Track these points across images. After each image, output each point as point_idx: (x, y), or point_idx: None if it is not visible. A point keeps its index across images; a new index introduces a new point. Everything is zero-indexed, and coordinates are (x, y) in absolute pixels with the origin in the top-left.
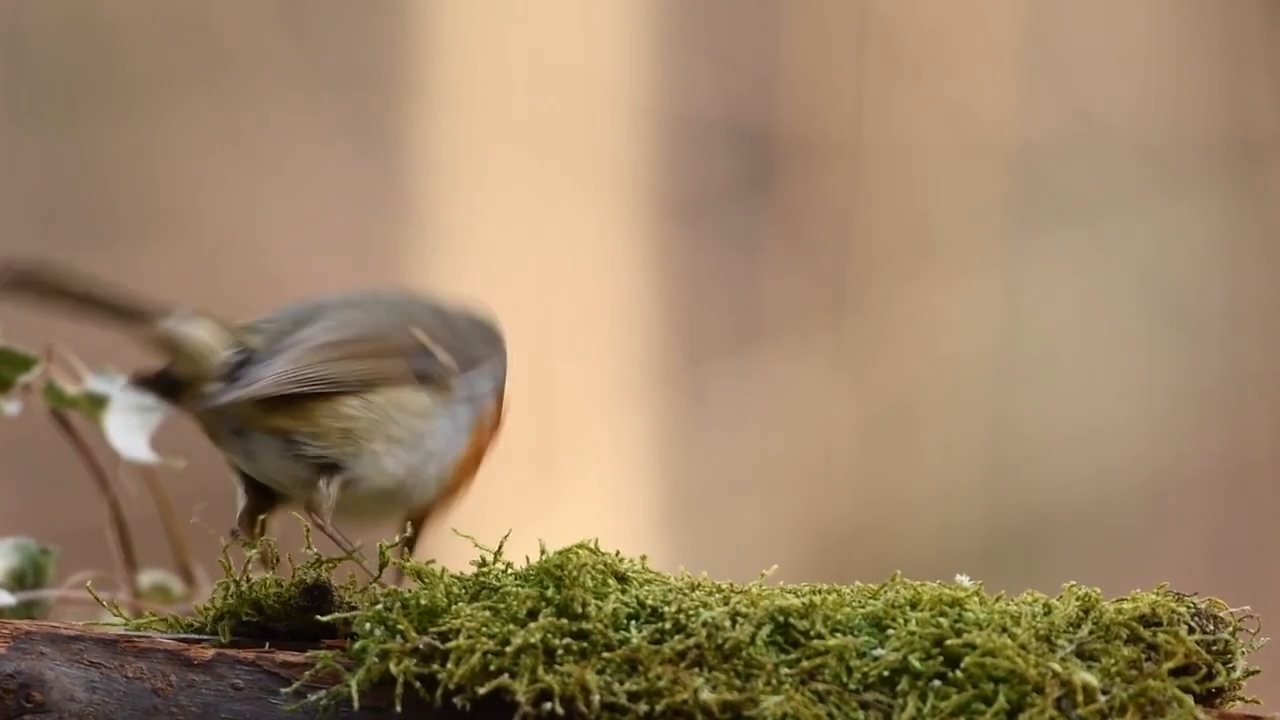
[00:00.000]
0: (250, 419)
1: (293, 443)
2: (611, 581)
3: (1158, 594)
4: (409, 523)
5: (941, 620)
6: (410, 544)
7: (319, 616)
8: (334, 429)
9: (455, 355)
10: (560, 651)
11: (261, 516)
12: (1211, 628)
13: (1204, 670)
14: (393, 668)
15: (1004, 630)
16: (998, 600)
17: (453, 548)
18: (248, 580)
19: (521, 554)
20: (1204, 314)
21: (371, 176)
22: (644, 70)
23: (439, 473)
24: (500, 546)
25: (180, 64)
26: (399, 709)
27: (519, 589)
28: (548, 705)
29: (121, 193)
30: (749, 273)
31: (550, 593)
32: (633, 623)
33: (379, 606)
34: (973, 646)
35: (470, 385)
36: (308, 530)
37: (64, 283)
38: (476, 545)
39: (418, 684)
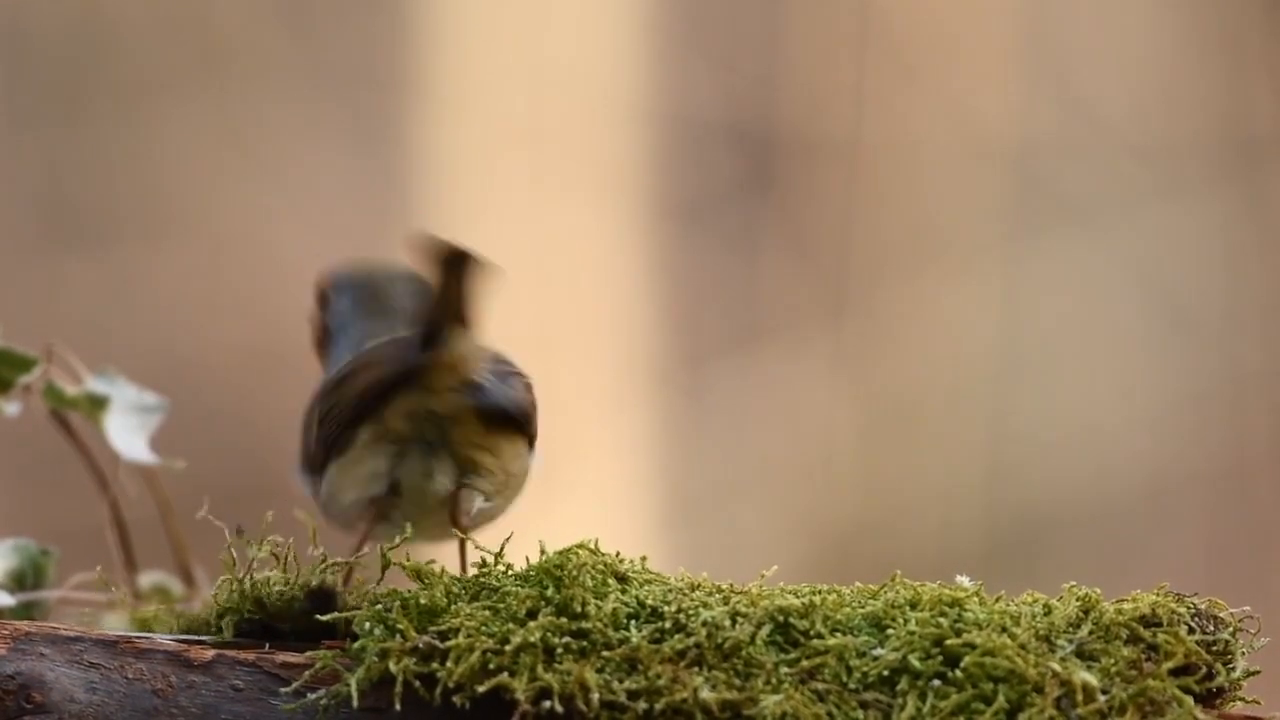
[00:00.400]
0: (469, 436)
1: (471, 472)
2: (611, 581)
3: (1157, 594)
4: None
5: (941, 620)
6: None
7: (319, 616)
8: (503, 470)
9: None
10: (560, 650)
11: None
12: (1211, 628)
13: (1204, 670)
14: (392, 666)
15: (1004, 630)
16: (997, 600)
17: (453, 549)
18: (251, 578)
19: (521, 555)
20: (1203, 314)
21: (372, 177)
22: (644, 71)
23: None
24: (501, 548)
25: (181, 65)
26: (398, 708)
27: (518, 589)
28: (547, 703)
29: (122, 193)
30: (749, 273)
31: (550, 592)
32: (632, 622)
33: (378, 606)
34: (972, 646)
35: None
36: (314, 531)
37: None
38: (477, 547)
39: (417, 683)
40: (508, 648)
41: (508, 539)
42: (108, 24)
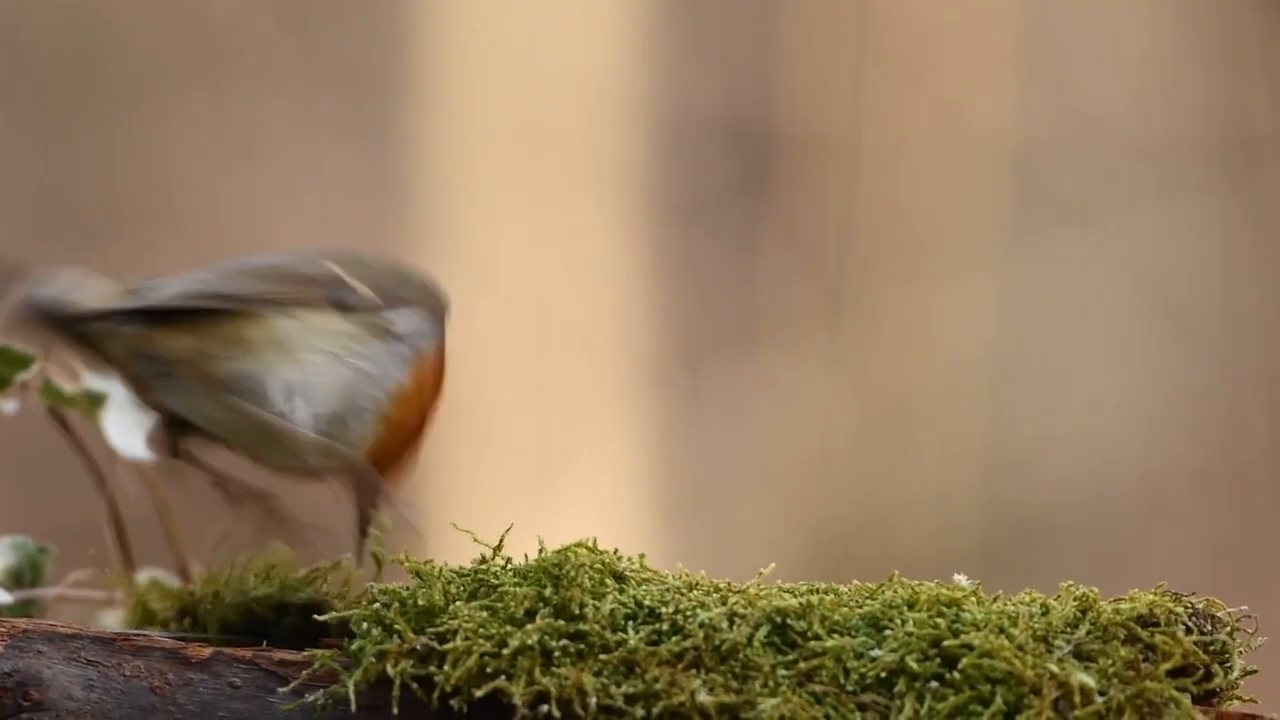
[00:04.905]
0: (159, 346)
1: (214, 381)
2: (609, 581)
3: (1155, 594)
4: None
5: (939, 621)
6: (365, 523)
7: (316, 617)
8: (260, 339)
9: (377, 292)
10: (557, 653)
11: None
12: (1209, 628)
13: (1201, 670)
14: (389, 669)
15: (1001, 631)
16: (995, 600)
17: (452, 544)
18: (241, 590)
19: (520, 555)
20: (1201, 315)
21: (371, 178)
22: (642, 70)
23: (375, 401)
24: (501, 541)
25: (179, 65)
26: (396, 710)
27: (517, 588)
28: (544, 708)
29: (120, 193)
30: (746, 273)
31: (548, 592)
32: (630, 623)
33: (376, 606)
34: (970, 647)
35: (400, 321)
36: (309, 531)
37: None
38: (476, 540)
39: (415, 686)
40: (505, 651)
41: (507, 530)
42: (106, 23)
